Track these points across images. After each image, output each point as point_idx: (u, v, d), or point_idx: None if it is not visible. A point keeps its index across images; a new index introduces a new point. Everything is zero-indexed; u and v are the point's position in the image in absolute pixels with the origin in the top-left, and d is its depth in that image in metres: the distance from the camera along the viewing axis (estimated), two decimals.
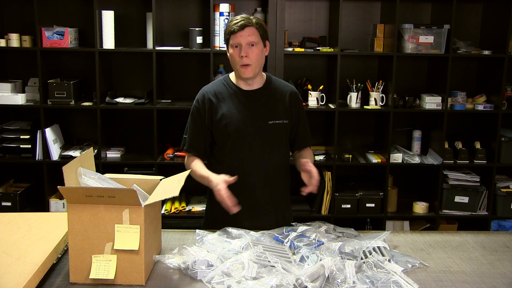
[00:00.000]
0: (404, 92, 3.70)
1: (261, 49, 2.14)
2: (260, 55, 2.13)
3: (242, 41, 2.09)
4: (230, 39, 2.12)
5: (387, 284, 1.63)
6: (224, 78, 2.26)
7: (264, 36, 2.15)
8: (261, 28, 2.13)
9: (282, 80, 2.33)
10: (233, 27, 2.09)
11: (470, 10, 3.75)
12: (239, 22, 2.09)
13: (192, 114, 2.23)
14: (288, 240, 1.87)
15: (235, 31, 2.09)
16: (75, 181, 1.75)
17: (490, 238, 2.12)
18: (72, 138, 3.79)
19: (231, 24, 2.12)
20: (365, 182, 3.84)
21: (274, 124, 2.19)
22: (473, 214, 3.67)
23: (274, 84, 2.25)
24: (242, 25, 2.08)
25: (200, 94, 2.23)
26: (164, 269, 1.76)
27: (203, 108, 2.19)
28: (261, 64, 2.17)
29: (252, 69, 2.12)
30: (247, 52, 2.09)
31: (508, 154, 3.60)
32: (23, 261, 1.64)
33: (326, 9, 3.76)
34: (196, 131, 2.22)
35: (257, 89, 2.21)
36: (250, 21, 2.10)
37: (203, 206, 3.60)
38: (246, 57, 2.09)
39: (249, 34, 2.09)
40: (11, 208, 3.45)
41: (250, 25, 2.10)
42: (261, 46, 2.13)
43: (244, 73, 2.13)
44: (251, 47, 2.10)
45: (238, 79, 2.21)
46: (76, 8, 3.66)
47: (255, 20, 2.12)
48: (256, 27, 2.11)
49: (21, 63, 3.69)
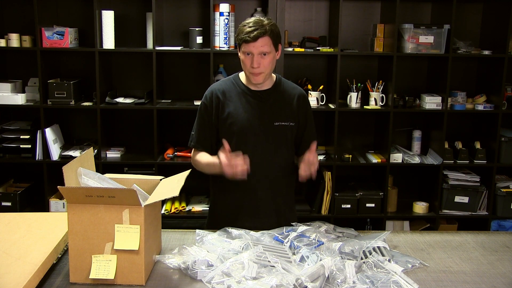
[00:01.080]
0: (404, 92, 3.70)
1: (273, 56, 2.12)
2: (272, 62, 2.12)
3: (254, 51, 2.06)
4: (242, 45, 2.09)
5: (387, 284, 1.63)
6: (234, 77, 2.26)
7: (277, 41, 2.11)
8: (274, 34, 2.08)
9: (291, 82, 2.32)
10: (246, 37, 2.04)
11: (470, 10, 3.75)
12: (252, 32, 2.03)
13: (200, 110, 2.23)
14: (288, 240, 1.87)
15: (248, 41, 2.05)
16: (75, 181, 1.75)
17: (490, 238, 2.12)
18: (72, 138, 3.79)
19: (243, 30, 2.06)
20: (365, 182, 3.84)
21: (280, 125, 2.18)
22: (473, 214, 3.67)
23: (283, 86, 2.24)
24: (255, 37, 2.03)
25: (209, 91, 2.23)
26: (164, 269, 1.76)
27: (210, 105, 2.19)
28: (272, 69, 2.16)
29: (262, 76, 2.12)
30: (259, 62, 2.07)
31: (508, 154, 3.60)
32: (23, 261, 1.64)
33: (326, 9, 3.76)
34: (204, 128, 2.21)
35: (266, 90, 2.20)
36: (264, 30, 2.04)
37: (203, 206, 3.60)
38: (258, 67, 2.08)
39: (262, 45, 2.05)
40: (11, 208, 3.45)
41: (263, 35, 2.04)
42: (273, 53, 2.11)
43: (254, 80, 2.13)
44: (263, 56, 2.08)
45: (247, 79, 2.20)
46: (76, 8, 3.66)
47: (269, 27, 2.06)
48: (270, 35, 2.06)
49: (21, 63, 3.69)
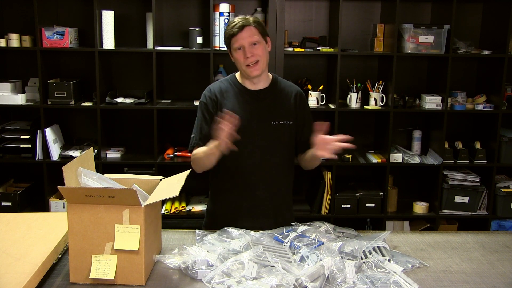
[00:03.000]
0: (404, 92, 3.70)
1: (264, 46, 2.14)
2: (265, 51, 2.14)
3: (244, 42, 2.09)
4: (231, 42, 2.12)
5: (387, 284, 1.63)
6: (230, 77, 2.26)
7: (264, 33, 2.16)
8: (259, 26, 2.14)
9: (288, 81, 2.33)
10: (232, 30, 2.10)
11: (470, 10, 3.75)
12: (237, 23, 2.10)
13: (200, 109, 2.23)
14: (288, 240, 1.87)
15: (235, 33, 2.09)
16: (75, 181, 1.75)
17: (490, 238, 2.12)
18: (72, 138, 3.79)
19: (229, 27, 2.13)
20: (365, 182, 3.84)
21: (278, 124, 2.19)
22: (473, 214, 3.67)
23: (280, 85, 2.25)
24: (241, 26, 2.09)
25: (207, 90, 2.24)
26: (164, 269, 1.76)
27: (210, 103, 2.20)
28: (267, 60, 2.17)
29: (260, 65, 2.13)
30: (252, 52, 2.10)
31: (508, 154, 3.60)
32: (23, 261, 1.64)
33: (326, 9, 3.76)
34: (206, 125, 2.20)
35: (263, 89, 2.21)
36: (248, 20, 2.11)
37: (203, 206, 3.60)
38: (252, 56, 2.10)
39: (249, 35, 2.10)
40: (11, 208, 3.45)
41: (249, 24, 2.10)
42: (263, 43, 2.14)
43: (252, 72, 2.13)
44: (254, 46, 2.11)
45: (244, 78, 2.21)
46: (76, 8, 3.66)
47: (252, 19, 2.13)
48: (255, 25, 2.11)
49: (21, 63, 3.69)
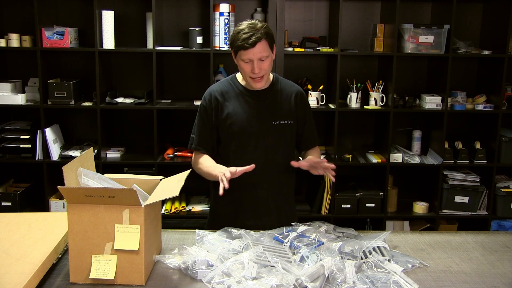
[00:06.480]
0: (404, 92, 3.70)
1: (271, 57, 2.13)
2: (270, 64, 2.13)
3: (253, 57, 2.06)
4: (240, 53, 2.07)
5: (387, 284, 1.63)
6: (231, 78, 2.26)
7: (272, 44, 2.12)
8: (269, 37, 2.08)
9: (288, 80, 2.32)
10: (244, 44, 2.03)
11: (470, 10, 3.75)
12: (249, 38, 2.02)
13: (200, 112, 2.23)
14: (288, 240, 1.87)
15: (247, 48, 2.04)
16: (75, 181, 1.75)
17: (490, 238, 2.12)
18: (72, 138, 3.79)
19: (239, 37, 2.04)
20: (365, 182, 3.84)
21: (279, 124, 2.19)
22: (473, 214, 3.67)
23: (280, 85, 2.25)
24: (254, 43, 2.02)
25: (207, 93, 2.23)
26: (164, 269, 1.76)
27: (210, 106, 2.19)
28: (271, 69, 2.17)
29: (265, 78, 2.14)
30: (260, 67, 2.08)
31: (508, 154, 3.60)
32: (23, 261, 1.64)
33: (326, 9, 3.76)
34: (204, 129, 2.21)
35: (263, 90, 2.20)
36: (260, 34, 2.03)
37: (203, 206, 3.60)
38: (260, 71, 2.09)
39: (260, 50, 2.05)
40: (11, 208, 3.45)
41: (260, 40, 2.03)
42: (271, 56, 2.12)
43: (256, 85, 2.14)
44: (263, 61, 2.08)
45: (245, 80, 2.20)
46: (76, 8, 3.66)
47: (263, 30, 2.05)
48: (265, 38, 2.05)
49: (21, 63, 3.69)
